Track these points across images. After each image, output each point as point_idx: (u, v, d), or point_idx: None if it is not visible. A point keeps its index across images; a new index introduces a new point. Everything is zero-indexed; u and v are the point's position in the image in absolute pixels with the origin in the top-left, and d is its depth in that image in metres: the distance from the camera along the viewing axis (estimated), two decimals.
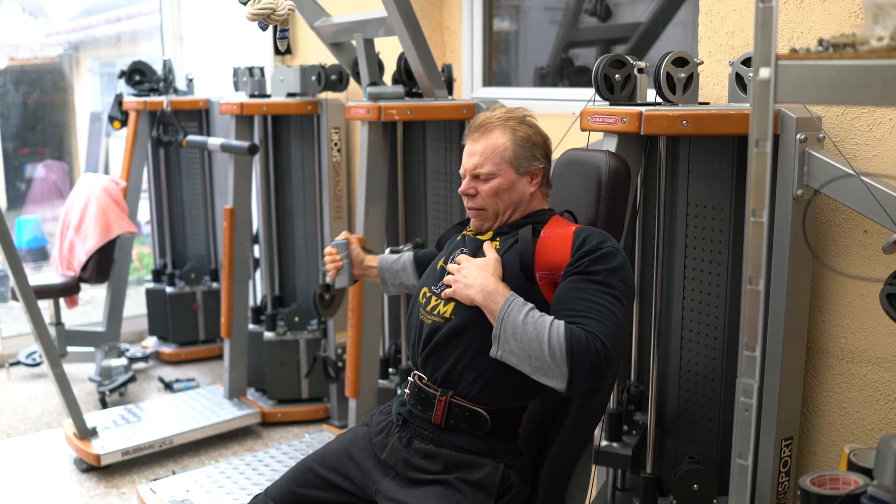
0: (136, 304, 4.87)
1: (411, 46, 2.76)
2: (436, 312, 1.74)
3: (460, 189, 1.80)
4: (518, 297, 1.60)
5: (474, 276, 1.65)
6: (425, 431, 1.74)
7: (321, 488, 1.83)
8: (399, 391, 1.90)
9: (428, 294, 1.79)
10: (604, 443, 2.30)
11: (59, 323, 3.94)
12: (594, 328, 1.53)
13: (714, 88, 2.35)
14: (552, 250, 1.68)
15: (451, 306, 1.71)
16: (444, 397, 1.71)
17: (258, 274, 4.09)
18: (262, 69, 3.72)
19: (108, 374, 3.95)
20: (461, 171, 1.81)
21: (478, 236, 1.83)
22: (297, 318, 3.68)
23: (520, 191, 1.78)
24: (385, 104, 2.82)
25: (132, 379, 3.92)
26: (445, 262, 1.81)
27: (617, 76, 2.19)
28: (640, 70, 2.20)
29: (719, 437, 2.27)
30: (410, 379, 1.80)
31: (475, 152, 1.77)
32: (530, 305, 1.59)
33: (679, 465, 2.19)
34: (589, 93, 2.23)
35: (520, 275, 1.69)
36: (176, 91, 4.30)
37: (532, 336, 1.53)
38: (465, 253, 1.79)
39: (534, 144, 1.78)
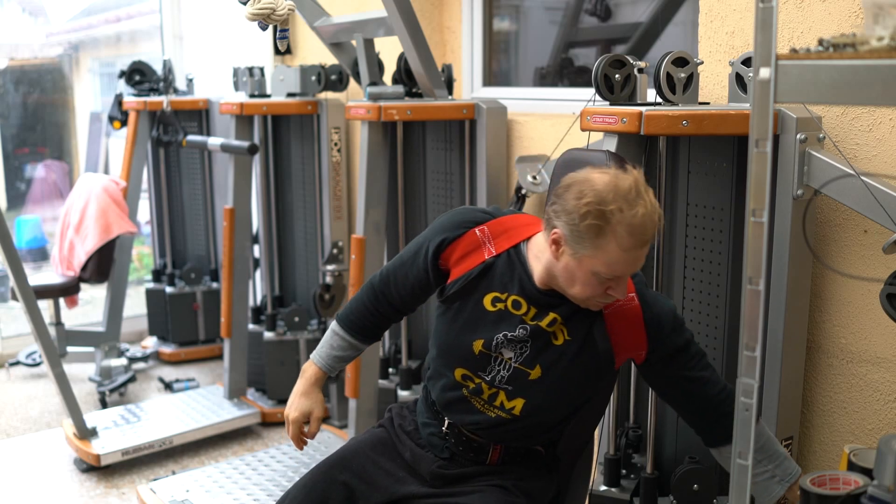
0: (136, 304, 4.87)
1: (411, 46, 2.76)
2: (498, 405, 1.62)
3: (618, 293, 1.55)
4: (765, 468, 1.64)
5: None
6: (477, 466, 1.70)
7: (340, 493, 1.69)
8: (425, 420, 1.76)
9: (477, 381, 1.62)
10: (602, 487, 2.31)
11: (59, 323, 3.93)
12: (726, 386, 1.67)
13: (714, 88, 2.35)
14: (626, 338, 1.62)
15: (518, 403, 1.60)
16: (499, 446, 1.68)
17: (258, 274, 4.09)
18: (262, 69, 3.72)
19: (108, 374, 3.95)
20: (605, 272, 1.51)
21: (535, 321, 1.60)
22: (297, 318, 3.68)
23: None
24: (385, 104, 2.82)
25: (132, 379, 3.92)
26: (490, 350, 1.60)
27: (617, 76, 2.19)
28: (640, 70, 2.20)
29: None
30: (449, 421, 1.68)
31: (638, 259, 1.53)
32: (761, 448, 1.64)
33: (679, 465, 2.19)
34: (589, 93, 2.23)
35: (593, 362, 1.61)
36: (176, 91, 4.30)
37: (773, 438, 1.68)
38: (523, 337, 1.60)
39: None
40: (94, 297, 5.30)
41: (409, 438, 1.75)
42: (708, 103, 2.26)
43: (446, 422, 1.69)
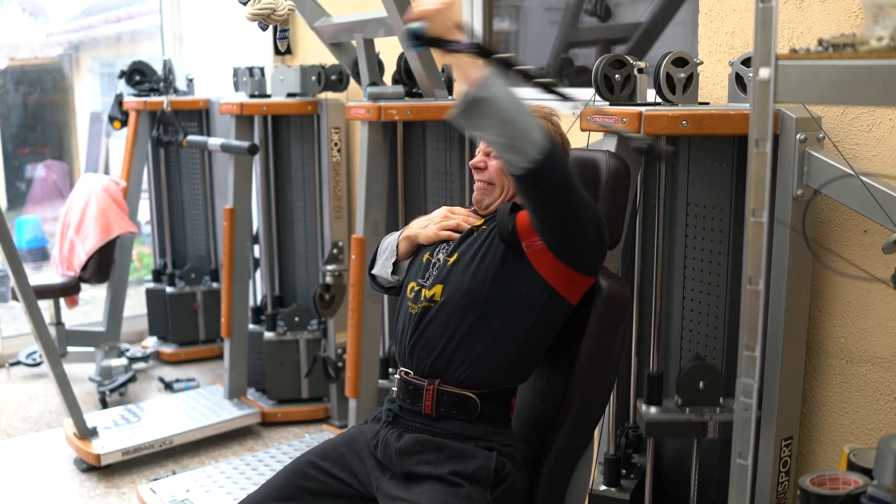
0: (136, 304, 4.87)
1: None
2: (422, 298, 1.77)
3: (472, 162, 1.87)
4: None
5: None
6: (416, 423, 1.76)
7: (322, 482, 1.79)
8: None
9: (416, 287, 1.81)
10: (602, 487, 2.30)
11: (59, 323, 3.94)
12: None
13: (714, 88, 2.35)
14: (528, 224, 1.72)
15: (438, 288, 1.75)
16: (431, 386, 1.73)
17: (258, 274, 4.09)
18: (262, 69, 3.72)
19: (108, 374, 3.95)
20: (478, 150, 1.89)
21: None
22: (297, 318, 3.68)
23: None
24: (385, 104, 2.82)
25: (132, 379, 3.92)
26: (431, 255, 1.84)
27: (617, 76, 2.19)
28: (640, 70, 2.20)
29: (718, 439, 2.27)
30: (397, 376, 1.82)
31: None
32: None
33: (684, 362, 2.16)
34: (589, 93, 2.23)
35: (503, 248, 1.73)
36: (176, 91, 4.30)
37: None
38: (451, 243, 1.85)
39: None
40: (94, 297, 5.30)
41: (374, 422, 1.87)
42: (708, 103, 2.26)
43: (396, 378, 1.83)
